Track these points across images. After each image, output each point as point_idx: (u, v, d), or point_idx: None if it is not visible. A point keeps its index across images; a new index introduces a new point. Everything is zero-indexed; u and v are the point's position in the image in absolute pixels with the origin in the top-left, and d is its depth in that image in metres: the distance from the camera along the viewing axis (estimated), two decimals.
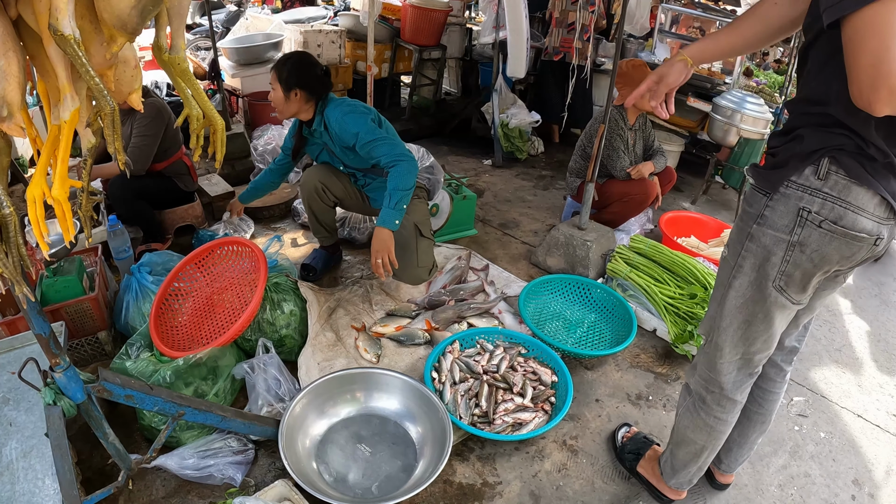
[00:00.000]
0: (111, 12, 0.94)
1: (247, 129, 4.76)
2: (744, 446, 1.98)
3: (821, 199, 1.27)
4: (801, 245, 1.32)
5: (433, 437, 2.11)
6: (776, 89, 6.39)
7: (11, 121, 0.98)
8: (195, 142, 1.28)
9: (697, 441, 1.80)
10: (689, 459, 1.87)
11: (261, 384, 2.19)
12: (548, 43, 5.51)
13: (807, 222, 1.29)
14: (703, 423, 1.75)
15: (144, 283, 2.54)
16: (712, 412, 1.72)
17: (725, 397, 1.68)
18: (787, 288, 1.39)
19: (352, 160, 2.85)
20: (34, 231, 1.09)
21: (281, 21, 6.12)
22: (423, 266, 2.98)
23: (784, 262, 1.35)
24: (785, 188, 1.32)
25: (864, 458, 2.44)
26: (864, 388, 2.88)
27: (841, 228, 1.26)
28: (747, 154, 4.64)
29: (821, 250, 1.30)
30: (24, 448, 1.84)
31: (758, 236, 1.39)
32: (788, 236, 1.33)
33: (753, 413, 1.88)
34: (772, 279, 1.39)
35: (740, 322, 1.53)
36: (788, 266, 1.35)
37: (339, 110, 2.70)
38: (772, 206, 1.35)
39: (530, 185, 4.99)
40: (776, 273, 1.38)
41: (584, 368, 2.73)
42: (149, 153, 3.02)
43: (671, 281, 3.04)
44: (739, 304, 1.50)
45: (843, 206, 1.25)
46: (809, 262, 1.33)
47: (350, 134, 2.67)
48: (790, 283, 1.38)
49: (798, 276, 1.36)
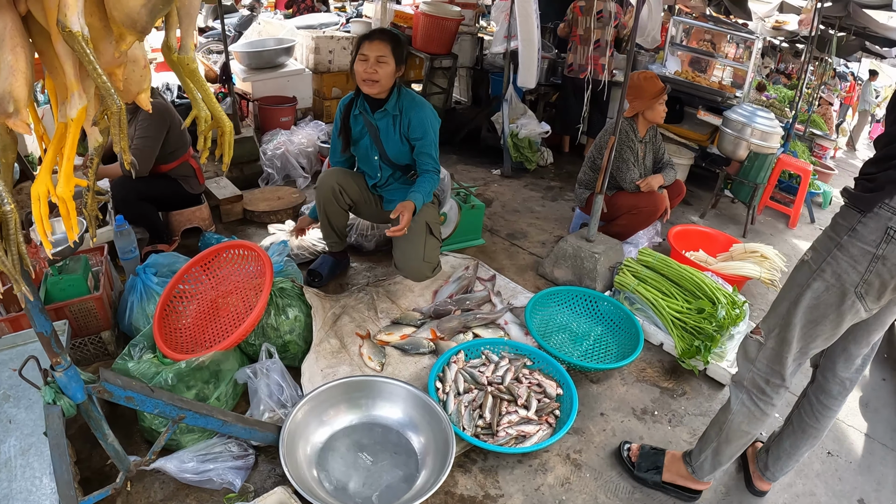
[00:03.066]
0: (121, 10, 0.93)
1: (256, 133, 4.77)
2: (793, 457, 2.06)
3: None
4: (884, 258, 1.48)
5: (435, 447, 2.08)
6: (786, 104, 6.37)
7: (18, 117, 0.97)
8: (202, 144, 1.27)
9: (752, 432, 1.90)
10: (737, 452, 1.96)
11: (263, 389, 2.17)
12: (572, 60, 5.51)
13: (892, 239, 1.45)
14: (762, 413, 1.85)
15: (149, 284, 2.53)
16: (770, 401, 1.83)
17: (784, 387, 1.80)
18: (866, 296, 1.54)
19: (396, 152, 2.92)
20: (37, 228, 1.08)
21: (293, 26, 6.16)
22: (428, 262, 2.98)
23: (868, 272, 1.51)
24: (878, 208, 1.48)
25: (871, 478, 2.40)
26: (871, 406, 2.83)
27: None
28: (757, 168, 4.61)
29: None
30: (22, 446, 1.83)
31: (847, 247, 1.54)
32: (875, 250, 1.49)
33: (809, 427, 1.98)
34: (854, 285, 1.54)
35: (809, 321, 1.65)
36: (871, 276, 1.51)
37: (416, 100, 2.85)
38: (864, 223, 1.51)
39: (539, 195, 4.97)
40: (859, 280, 1.53)
41: (589, 382, 2.69)
42: (150, 154, 3.01)
43: (679, 295, 3.01)
44: (813, 305, 1.63)
45: None
46: (889, 273, 1.48)
47: (423, 127, 2.82)
48: (869, 291, 1.53)
49: (877, 285, 1.51)
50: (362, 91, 2.78)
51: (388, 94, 2.80)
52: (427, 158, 2.84)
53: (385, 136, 2.88)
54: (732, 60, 8.49)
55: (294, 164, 4.47)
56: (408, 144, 2.89)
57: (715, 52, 8.20)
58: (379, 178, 3.04)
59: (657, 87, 3.52)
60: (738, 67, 7.23)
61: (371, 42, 2.69)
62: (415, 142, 2.86)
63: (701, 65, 7.65)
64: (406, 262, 2.95)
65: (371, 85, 2.71)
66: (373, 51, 2.67)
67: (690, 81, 5.83)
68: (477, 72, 6.69)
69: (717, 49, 8.82)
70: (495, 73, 6.17)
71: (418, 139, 2.84)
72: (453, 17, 5.47)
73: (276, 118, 4.95)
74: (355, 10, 9.31)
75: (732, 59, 8.88)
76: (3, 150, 1.11)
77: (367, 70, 2.68)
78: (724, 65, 7.94)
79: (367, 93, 2.76)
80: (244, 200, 3.83)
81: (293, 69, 5.39)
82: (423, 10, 5.42)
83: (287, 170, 4.47)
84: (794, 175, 5.40)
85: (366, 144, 2.96)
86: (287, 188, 4.20)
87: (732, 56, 9.36)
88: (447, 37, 5.54)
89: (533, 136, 5.33)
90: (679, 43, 7.07)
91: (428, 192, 2.81)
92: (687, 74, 6.12)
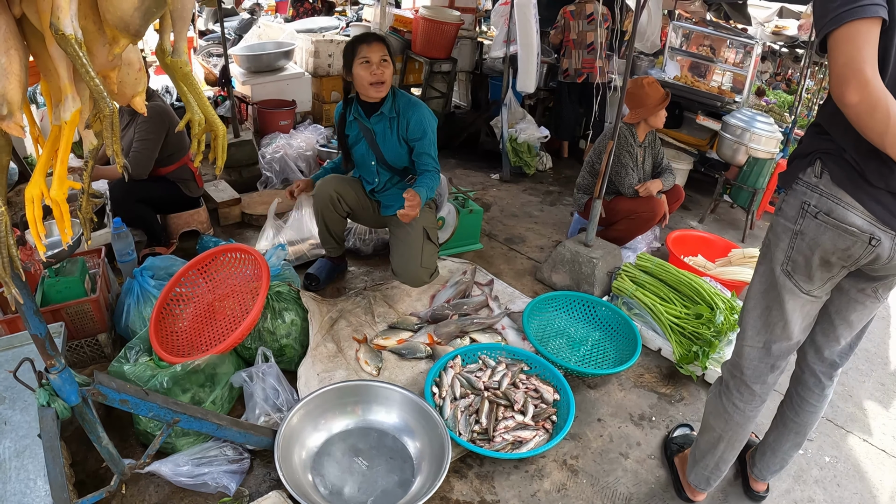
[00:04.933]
0: (114, 13, 0.93)
1: (255, 136, 4.77)
2: (777, 453, 2.04)
3: (818, 194, 1.45)
4: (801, 234, 1.50)
5: (431, 452, 2.08)
6: (786, 108, 6.37)
7: (11, 119, 0.97)
8: (196, 147, 1.27)
9: (716, 428, 1.89)
10: (707, 450, 1.95)
11: (259, 393, 2.16)
12: (567, 65, 5.52)
13: (807, 214, 1.47)
14: (723, 408, 1.85)
15: (146, 286, 2.53)
16: (731, 398, 1.82)
17: (745, 384, 1.78)
18: (793, 273, 1.55)
19: (394, 155, 2.91)
20: (31, 231, 1.08)
21: (293, 30, 6.17)
22: (426, 268, 2.99)
23: (790, 248, 1.53)
24: (795, 184, 1.52)
25: (870, 484, 2.39)
26: (870, 412, 2.83)
27: (832, 220, 1.43)
28: (756, 173, 4.61)
29: (816, 238, 1.46)
30: (17, 448, 1.83)
31: (774, 226, 1.59)
32: (794, 226, 1.51)
33: (790, 420, 1.97)
34: (780, 263, 1.57)
35: (763, 308, 1.66)
36: (793, 252, 1.52)
37: (412, 101, 2.85)
38: (786, 200, 1.55)
39: (537, 200, 4.97)
40: (784, 258, 1.55)
41: (586, 387, 2.69)
42: (149, 157, 3.00)
43: (677, 300, 3.00)
44: (762, 291, 1.65)
45: (834, 201, 1.42)
46: (808, 249, 1.49)
47: (422, 127, 2.80)
48: (795, 268, 1.54)
49: (801, 263, 1.52)
50: (367, 95, 2.77)
51: (384, 97, 2.80)
52: (427, 158, 2.84)
53: (382, 139, 2.88)
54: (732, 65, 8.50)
55: (293, 168, 4.46)
56: (406, 146, 2.89)
57: (714, 56, 8.21)
58: (377, 183, 3.04)
59: (660, 94, 3.52)
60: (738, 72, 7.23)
61: (370, 45, 2.69)
62: (414, 142, 2.85)
63: (700, 70, 7.65)
64: (404, 268, 2.94)
65: (379, 87, 2.72)
66: (375, 52, 2.67)
67: (690, 86, 5.83)
68: (476, 76, 6.70)
69: (717, 54, 8.83)
70: (494, 77, 6.18)
71: (417, 139, 2.83)
72: (453, 22, 5.48)
73: (275, 121, 4.95)
74: (355, 14, 9.33)
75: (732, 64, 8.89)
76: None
77: (375, 72, 2.68)
78: (723, 70, 7.94)
79: (375, 97, 2.76)
80: (242, 204, 3.83)
81: (292, 73, 5.40)
82: (422, 14, 5.43)
83: (286, 173, 4.47)
84: None
85: (362, 150, 2.96)
86: (285, 192, 4.19)
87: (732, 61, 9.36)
88: (447, 41, 5.55)
89: (532, 141, 5.33)
90: (679, 48, 7.08)
91: (431, 188, 2.78)
92: (686, 79, 6.12)
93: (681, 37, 7.22)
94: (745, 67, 6.57)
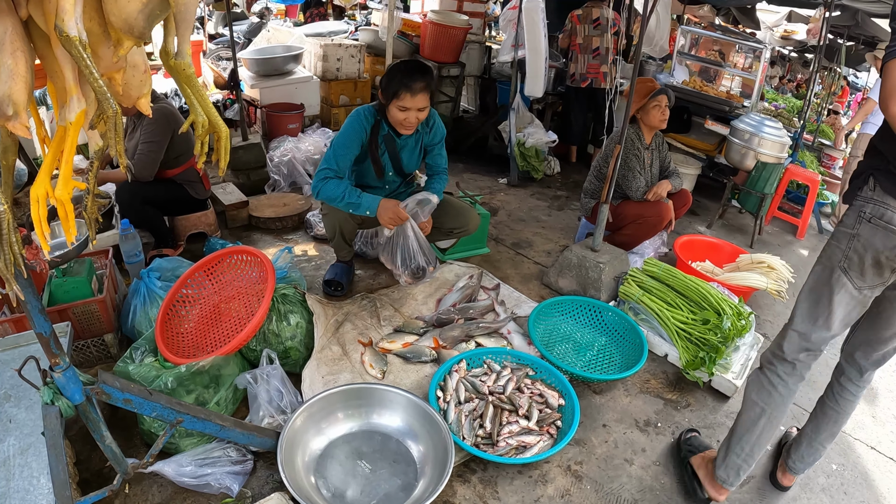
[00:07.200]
0: (118, 15, 0.94)
1: (264, 139, 4.80)
2: (813, 443, 2.17)
3: (872, 203, 1.69)
4: (858, 236, 1.73)
5: (435, 456, 2.07)
6: (795, 113, 6.33)
7: (17, 120, 0.98)
8: (199, 149, 1.27)
9: (758, 402, 2.01)
10: (746, 430, 2.04)
11: (263, 395, 2.17)
12: (574, 70, 5.52)
13: (863, 220, 1.71)
14: (767, 380, 2.00)
15: (153, 287, 2.54)
16: (776, 370, 1.98)
17: (785, 360, 1.96)
18: (849, 269, 1.76)
19: (412, 162, 3.06)
20: (36, 230, 1.09)
21: (302, 34, 6.20)
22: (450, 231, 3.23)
23: (847, 248, 1.75)
24: (854, 200, 1.76)
25: (877, 492, 2.37)
26: (879, 419, 2.80)
27: (883, 223, 1.66)
28: (764, 178, 4.58)
29: (869, 239, 1.69)
30: (21, 445, 1.83)
31: (836, 233, 1.81)
32: (851, 230, 1.74)
33: (829, 408, 2.12)
34: (839, 261, 1.78)
35: (813, 301, 1.87)
36: (850, 252, 1.75)
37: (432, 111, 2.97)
38: (847, 213, 1.79)
39: (545, 204, 4.96)
40: (842, 256, 1.77)
41: (592, 392, 2.67)
42: (155, 159, 3.01)
43: (684, 306, 2.98)
44: (814, 286, 1.87)
45: (884, 207, 1.66)
46: (863, 248, 1.71)
47: (440, 133, 3.04)
48: (850, 265, 1.75)
49: (856, 260, 1.73)
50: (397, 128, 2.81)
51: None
52: (440, 159, 3.08)
53: (406, 151, 2.97)
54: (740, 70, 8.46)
55: (301, 172, 4.48)
56: (422, 153, 3.07)
57: (723, 61, 8.18)
58: (388, 189, 3.06)
59: (646, 87, 3.52)
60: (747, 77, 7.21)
61: (414, 95, 2.64)
62: (432, 146, 3.05)
63: (709, 74, 7.63)
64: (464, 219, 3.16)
65: (408, 130, 2.81)
66: (416, 104, 2.67)
67: (698, 91, 5.82)
68: (484, 80, 6.71)
69: (726, 58, 8.80)
70: (503, 81, 6.18)
71: (436, 143, 3.04)
72: (461, 26, 5.49)
73: (283, 125, 4.97)
74: (364, 18, 9.37)
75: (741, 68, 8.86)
76: (4, 152, 1.12)
77: (409, 121, 2.72)
78: (732, 74, 7.91)
79: (404, 133, 2.83)
80: (250, 206, 3.85)
81: (301, 76, 5.43)
82: (430, 18, 5.45)
83: (293, 177, 4.48)
84: (802, 185, 5.37)
85: (385, 160, 2.97)
86: (293, 195, 4.21)
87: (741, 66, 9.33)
88: (455, 45, 5.57)
89: (540, 146, 5.33)
90: (687, 52, 7.06)
91: (441, 191, 3.03)
92: (695, 84, 6.10)
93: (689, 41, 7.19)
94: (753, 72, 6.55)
